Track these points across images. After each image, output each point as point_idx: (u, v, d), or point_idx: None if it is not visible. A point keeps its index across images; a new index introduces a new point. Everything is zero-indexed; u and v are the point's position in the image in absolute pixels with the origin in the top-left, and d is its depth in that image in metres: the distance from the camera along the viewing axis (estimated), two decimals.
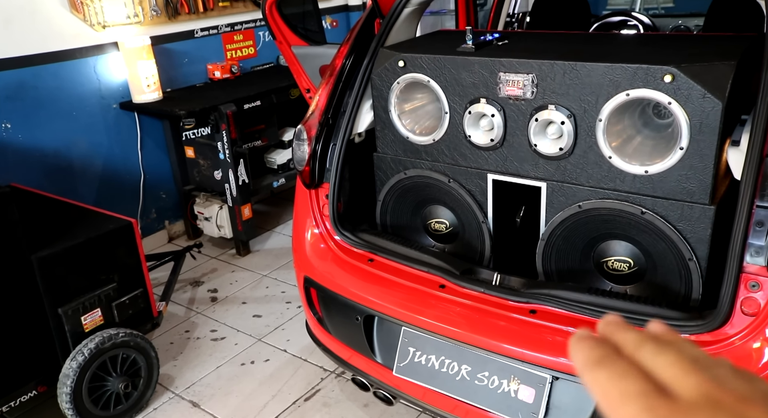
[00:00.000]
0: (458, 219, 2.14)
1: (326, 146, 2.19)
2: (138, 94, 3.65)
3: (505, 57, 1.84)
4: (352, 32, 2.32)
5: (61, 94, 3.47)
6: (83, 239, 2.35)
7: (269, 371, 2.79)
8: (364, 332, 2.02)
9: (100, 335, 2.36)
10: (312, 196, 2.23)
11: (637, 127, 1.76)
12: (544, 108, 1.78)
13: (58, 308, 2.28)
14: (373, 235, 2.13)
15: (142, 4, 3.73)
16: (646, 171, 1.67)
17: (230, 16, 4.25)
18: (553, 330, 1.68)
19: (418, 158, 2.10)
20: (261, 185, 4.02)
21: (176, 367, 2.85)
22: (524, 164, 1.89)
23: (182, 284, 3.58)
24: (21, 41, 3.27)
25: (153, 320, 2.66)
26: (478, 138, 1.94)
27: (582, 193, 1.79)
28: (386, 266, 2.02)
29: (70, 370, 2.28)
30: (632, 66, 1.61)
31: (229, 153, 3.63)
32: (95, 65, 3.60)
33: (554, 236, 1.87)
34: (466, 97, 1.93)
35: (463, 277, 1.87)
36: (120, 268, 2.48)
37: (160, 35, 3.85)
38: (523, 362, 1.69)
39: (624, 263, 1.83)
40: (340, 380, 2.68)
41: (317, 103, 2.24)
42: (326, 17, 4.92)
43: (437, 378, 1.85)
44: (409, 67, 2.02)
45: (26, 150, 3.36)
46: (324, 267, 2.15)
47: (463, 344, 1.78)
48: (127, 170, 3.86)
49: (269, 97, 3.83)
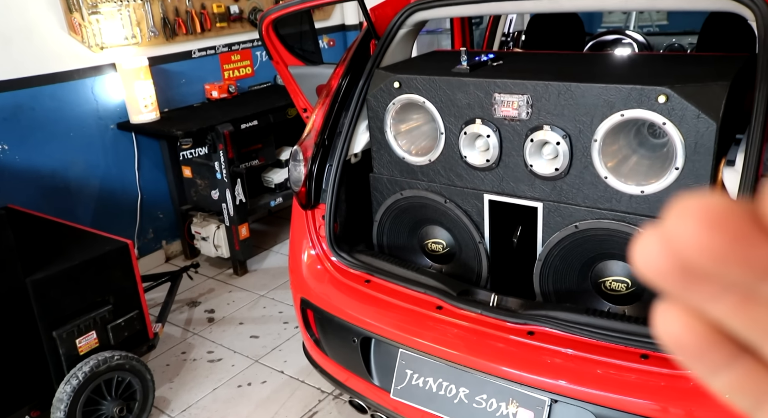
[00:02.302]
0: (455, 239, 2.13)
1: (322, 167, 2.19)
2: (135, 114, 3.66)
3: (500, 78, 1.85)
4: (348, 53, 2.33)
5: (58, 116, 3.48)
6: (78, 261, 2.34)
7: (266, 393, 2.76)
8: (361, 354, 2.00)
9: (95, 358, 2.33)
10: (308, 217, 2.22)
11: (632, 148, 1.76)
12: (539, 128, 1.79)
13: (53, 331, 2.26)
14: (369, 256, 2.12)
15: (140, 25, 3.75)
16: (642, 191, 1.66)
17: (227, 36, 4.28)
18: (551, 352, 1.66)
19: (414, 179, 2.10)
20: (258, 205, 4.01)
21: (172, 389, 2.83)
22: (520, 185, 1.89)
23: (179, 304, 3.56)
24: (19, 63, 3.28)
25: (149, 341, 2.64)
26: (473, 158, 1.94)
27: (578, 213, 1.79)
28: (383, 287, 2.01)
29: (64, 394, 2.25)
30: (626, 87, 1.62)
31: (226, 173, 3.63)
32: (93, 86, 3.61)
33: (551, 256, 1.86)
34: (462, 118, 1.93)
35: (460, 298, 1.86)
36: (116, 290, 2.47)
37: (157, 56, 3.87)
38: (521, 385, 1.67)
39: (622, 284, 1.82)
40: (338, 403, 2.66)
41: (313, 124, 2.24)
42: (323, 37, 4.95)
43: (435, 401, 1.83)
44: (404, 88, 2.02)
45: (23, 171, 3.36)
46: (320, 288, 2.13)
47: (461, 366, 1.76)
48: (124, 190, 3.85)
49: (266, 116, 3.84)
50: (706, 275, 0.21)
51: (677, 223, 0.21)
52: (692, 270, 0.21)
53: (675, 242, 0.21)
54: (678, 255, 0.21)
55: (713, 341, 0.23)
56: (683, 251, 0.21)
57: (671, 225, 0.21)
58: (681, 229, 0.21)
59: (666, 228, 0.21)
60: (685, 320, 0.23)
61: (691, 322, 0.23)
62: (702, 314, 0.23)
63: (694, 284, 0.21)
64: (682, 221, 0.21)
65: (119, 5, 3.62)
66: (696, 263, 0.21)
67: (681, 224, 0.21)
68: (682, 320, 0.23)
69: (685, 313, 0.23)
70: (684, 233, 0.21)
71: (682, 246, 0.21)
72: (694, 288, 0.21)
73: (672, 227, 0.21)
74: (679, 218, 0.21)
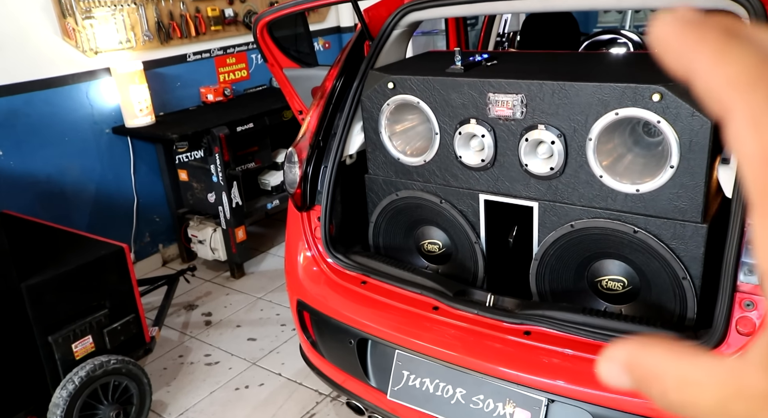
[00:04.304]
0: (451, 240, 2.13)
1: (317, 169, 2.19)
2: (131, 118, 3.66)
3: (494, 78, 1.84)
4: (342, 54, 2.32)
5: (53, 121, 3.47)
6: (74, 265, 2.33)
7: (264, 395, 2.76)
8: (357, 355, 2.00)
9: (91, 362, 2.32)
10: (304, 219, 2.22)
11: (627, 146, 1.76)
12: (534, 128, 1.78)
13: (48, 336, 2.25)
14: (365, 257, 2.12)
15: (135, 29, 3.74)
16: (638, 190, 1.66)
17: (222, 39, 4.27)
18: (548, 352, 1.66)
19: (409, 179, 2.10)
20: (255, 207, 4.00)
21: (169, 393, 2.82)
22: (515, 184, 1.88)
23: (176, 307, 3.55)
24: (13, 68, 3.27)
25: (145, 345, 2.63)
26: (468, 158, 1.94)
27: (574, 212, 1.79)
28: (379, 289, 2.01)
29: (60, 399, 2.24)
30: (621, 85, 1.62)
31: (222, 176, 3.62)
32: (87, 91, 3.61)
33: (547, 255, 1.86)
34: (456, 118, 1.93)
35: (456, 298, 1.86)
36: (111, 294, 2.46)
37: (152, 60, 3.86)
38: (518, 385, 1.67)
39: (618, 283, 1.81)
40: (336, 404, 2.65)
41: (308, 126, 2.24)
42: (318, 39, 4.95)
43: (432, 402, 1.82)
44: (398, 89, 2.02)
45: (18, 177, 3.35)
46: (317, 290, 2.13)
47: (458, 366, 1.76)
48: (120, 194, 3.85)
49: (262, 119, 3.83)
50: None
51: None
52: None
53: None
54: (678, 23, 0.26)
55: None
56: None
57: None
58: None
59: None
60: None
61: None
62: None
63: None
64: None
65: (113, 9, 3.62)
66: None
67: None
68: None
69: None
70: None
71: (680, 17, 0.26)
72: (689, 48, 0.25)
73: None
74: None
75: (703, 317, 1.64)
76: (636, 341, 0.28)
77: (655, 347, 0.27)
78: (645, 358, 0.27)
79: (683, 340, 1.48)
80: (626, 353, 0.28)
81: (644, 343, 0.28)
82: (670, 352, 0.27)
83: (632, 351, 0.28)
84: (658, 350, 0.27)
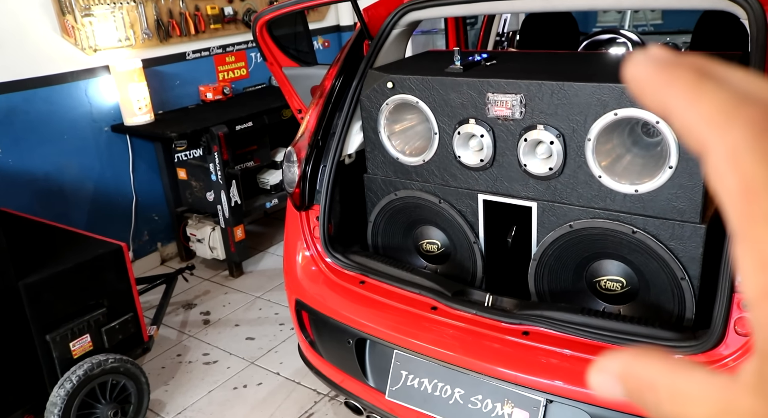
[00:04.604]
0: (450, 240, 2.12)
1: (316, 168, 2.18)
2: (129, 116, 3.65)
3: (493, 77, 1.84)
4: (341, 53, 2.32)
5: (52, 118, 3.47)
6: (72, 264, 2.33)
7: (262, 394, 2.75)
8: (356, 355, 2.00)
9: (89, 361, 2.32)
10: (302, 218, 2.21)
11: (626, 146, 1.76)
12: (533, 128, 1.78)
13: (46, 335, 2.25)
14: (364, 256, 2.12)
15: (134, 27, 3.74)
16: (636, 190, 1.66)
17: (222, 38, 4.27)
18: (546, 352, 1.66)
19: (408, 179, 2.10)
20: (254, 206, 4.00)
21: (167, 392, 2.81)
22: (514, 184, 1.88)
23: (175, 306, 3.55)
24: (11, 66, 3.27)
25: (144, 344, 2.63)
26: (467, 158, 1.94)
27: (573, 212, 1.79)
28: (378, 288, 2.00)
29: (57, 398, 2.24)
30: (619, 85, 1.61)
31: (221, 174, 3.62)
32: (86, 89, 3.60)
33: (546, 255, 1.85)
34: (455, 118, 1.93)
35: (455, 298, 1.85)
36: (110, 292, 2.46)
37: (151, 58, 3.86)
38: (516, 385, 1.67)
39: (617, 283, 1.81)
40: (334, 404, 2.65)
41: (307, 125, 2.24)
42: (318, 38, 4.94)
43: (430, 402, 1.82)
44: (397, 89, 2.02)
45: (17, 174, 3.35)
46: (315, 290, 2.12)
47: (456, 367, 1.76)
48: (119, 193, 3.84)
49: (261, 118, 3.83)
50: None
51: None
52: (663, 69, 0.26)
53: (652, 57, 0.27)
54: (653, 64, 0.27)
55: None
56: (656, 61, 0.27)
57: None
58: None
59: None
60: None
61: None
62: None
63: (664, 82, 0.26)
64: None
65: (112, 7, 3.61)
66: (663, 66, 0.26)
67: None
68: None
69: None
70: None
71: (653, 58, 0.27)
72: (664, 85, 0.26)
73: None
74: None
75: (701, 317, 1.64)
76: (630, 352, 0.28)
77: (650, 358, 0.28)
78: (639, 369, 0.28)
79: (679, 346, 1.48)
80: (620, 364, 0.28)
81: (639, 354, 0.28)
82: (666, 364, 0.27)
83: (626, 362, 0.28)
84: (653, 361, 0.27)
